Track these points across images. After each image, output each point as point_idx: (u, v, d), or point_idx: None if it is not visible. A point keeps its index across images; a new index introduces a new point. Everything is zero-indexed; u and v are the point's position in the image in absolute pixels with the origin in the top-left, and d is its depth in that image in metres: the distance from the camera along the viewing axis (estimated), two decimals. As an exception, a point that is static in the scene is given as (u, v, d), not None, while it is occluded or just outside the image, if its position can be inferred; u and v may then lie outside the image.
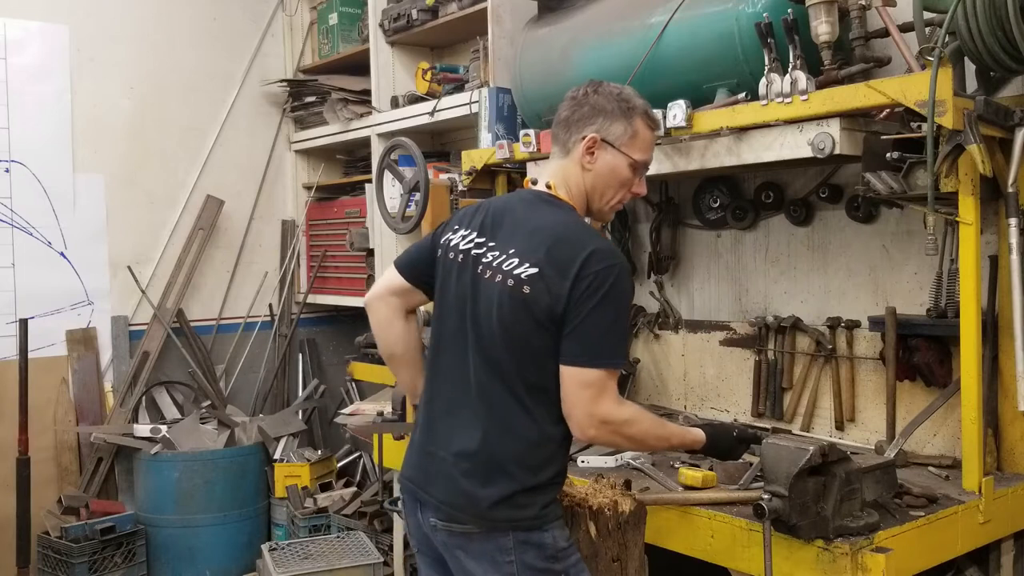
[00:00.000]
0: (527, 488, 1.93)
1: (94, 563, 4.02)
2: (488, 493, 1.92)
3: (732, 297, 3.29)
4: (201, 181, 4.89)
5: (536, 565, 1.92)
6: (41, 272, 4.40)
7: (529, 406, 1.94)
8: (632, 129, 2.04)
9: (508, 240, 2.01)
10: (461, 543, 1.97)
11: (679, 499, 2.38)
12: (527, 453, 1.94)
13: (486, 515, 1.92)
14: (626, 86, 2.12)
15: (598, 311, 1.87)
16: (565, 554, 1.95)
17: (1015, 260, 2.28)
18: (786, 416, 3.07)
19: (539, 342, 1.92)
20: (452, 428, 2.01)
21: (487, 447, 1.95)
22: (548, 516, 1.95)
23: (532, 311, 1.91)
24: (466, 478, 1.95)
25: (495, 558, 1.92)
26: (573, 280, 1.88)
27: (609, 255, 1.92)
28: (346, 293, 4.89)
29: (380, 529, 4.07)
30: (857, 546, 2.00)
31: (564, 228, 1.97)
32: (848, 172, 2.90)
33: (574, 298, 1.88)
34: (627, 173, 2.06)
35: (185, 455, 4.32)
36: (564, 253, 1.91)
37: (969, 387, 2.26)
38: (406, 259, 2.24)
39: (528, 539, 1.92)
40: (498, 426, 1.95)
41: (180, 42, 4.83)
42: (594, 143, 2.03)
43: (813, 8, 2.41)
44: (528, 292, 1.92)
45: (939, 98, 2.11)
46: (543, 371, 1.93)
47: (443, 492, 1.99)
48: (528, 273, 1.93)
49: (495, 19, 3.60)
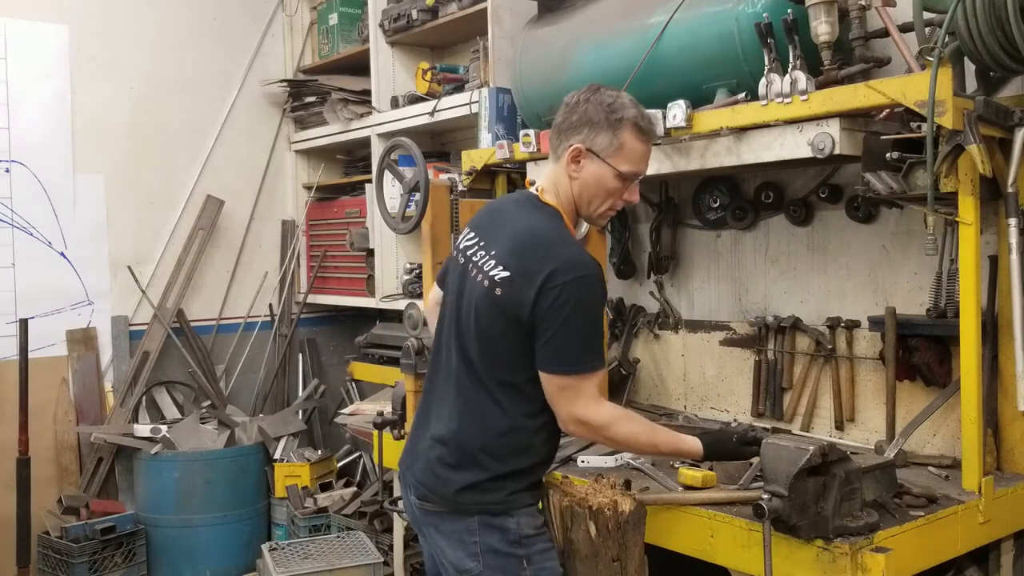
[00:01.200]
0: (495, 476, 2.03)
1: (94, 563, 4.02)
2: (457, 478, 2.04)
3: (732, 297, 3.29)
4: (201, 181, 4.89)
5: (499, 548, 2.02)
6: (41, 272, 4.40)
7: (500, 400, 2.04)
8: (618, 141, 2.06)
9: (494, 241, 2.09)
10: (434, 521, 2.10)
11: (679, 499, 2.38)
12: (495, 443, 2.04)
13: (454, 498, 2.05)
14: (623, 93, 2.13)
15: (569, 323, 1.95)
16: (530, 541, 2.04)
17: (1015, 260, 2.28)
18: (786, 416, 3.07)
19: (510, 341, 2.01)
20: (436, 416, 2.14)
21: (459, 436, 2.06)
22: (515, 503, 2.04)
23: (504, 312, 2.00)
24: (439, 462, 2.07)
25: (462, 538, 2.04)
26: (538, 290, 1.95)
27: (575, 266, 1.97)
28: (346, 293, 4.89)
29: (380, 529, 4.07)
30: (857, 546, 2.00)
31: (537, 234, 2.03)
32: (848, 172, 2.90)
33: (542, 308, 1.95)
34: (614, 183, 2.09)
35: (185, 455, 4.32)
36: (532, 261, 1.98)
37: (969, 387, 2.25)
38: (441, 268, 2.38)
39: (492, 523, 2.03)
40: (471, 417, 2.06)
41: (180, 42, 4.83)
42: (579, 153, 2.07)
43: (813, 8, 2.41)
44: (499, 294, 2.01)
45: (939, 98, 2.11)
46: (514, 368, 2.02)
47: (420, 473, 2.12)
48: (501, 276, 2.02)
49: (495, 19, 3.60)
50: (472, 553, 2.02)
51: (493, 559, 2.02)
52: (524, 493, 2.06)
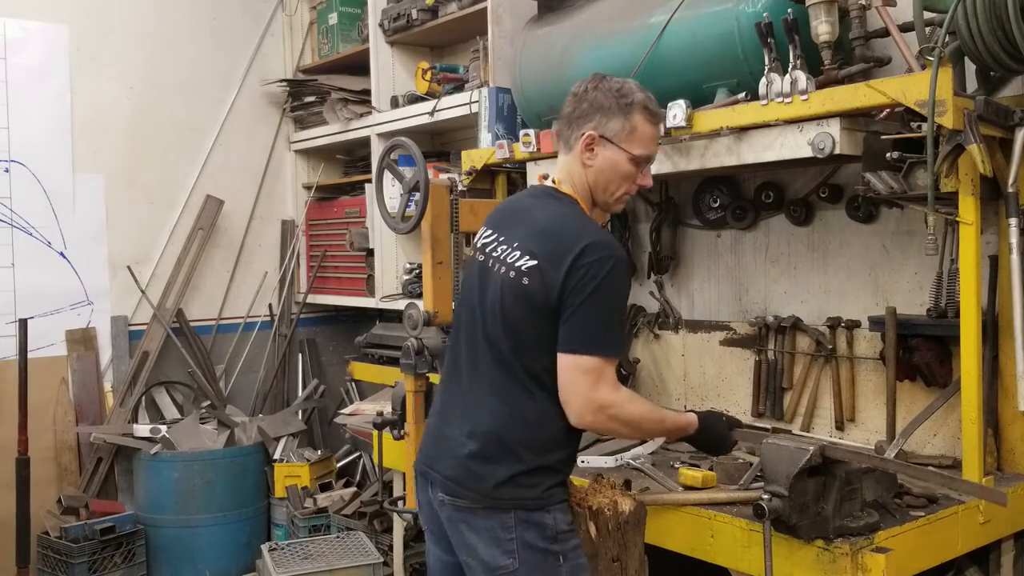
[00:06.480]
0: (532, 469, 1.99)
1: (94, 563, 4.02)
2: (494, 472, 1.99)
3: (732, 297, 3.29)
4: (201, 181, 4.89)
5: (536, 544, 1.97)
6: (41, 272, 4.40)
7: (533, 391, 2.01)
8: (630, 125, 2.06)
9: (514, 234, 2.08)
10: (466, 517, 2.03)
11: (679, 499, 2.38)
12: (533, 435, 2.00)
13: (491, 493, 1.99)
14: (629, 79, 2.13)
15: (593, 300, 1.93)
16: (565, 536, 2.00)
17: (1015, 260, 2.28)
18: (786, 416, 3.07)
19: (538, 331, 1.98)
20: (464, 411, 2.09)
21: (495, 429, 2.01)
22: (552, 498, 2.01)
23: (531, 301, 1.98)
24: (473, 458, 2.02)
25: (497, 534, 1.98)
26: (567, 271, 1.94)
27: (605, 247, 1.97)
28: (346, 293, 4.88)
29: (380, 529, 4.07)
30: (857, 546, 2.00)
31: (562, 221, 2.03)
32: (848, 172, 2.89)
33: (568, 288, 1.94)
34: (628, 167, 2.09)
35: (185, 455, 4.32)
36: (560, 245, 1.97)
37: (969, 387, 2.25)
38: None
39: (530, 518, 1.98)
40: (505, 410, 2.02)
41: (180, 42, 4.83)
42: (592, 140, 2.07)
43: (813, 8, 2.42)
44: (527, 283, 1.99)
45: (939, 98, 2.11)
46: (544, 358, 1.99)
47: (449, 469, 2.05)
48: (527, 265, 2.00)
49: (495, 19, 3.60)
50: (508, 550, 1.97)
51: (530, 555, 1.97)
52: (559, 488, 2.03)
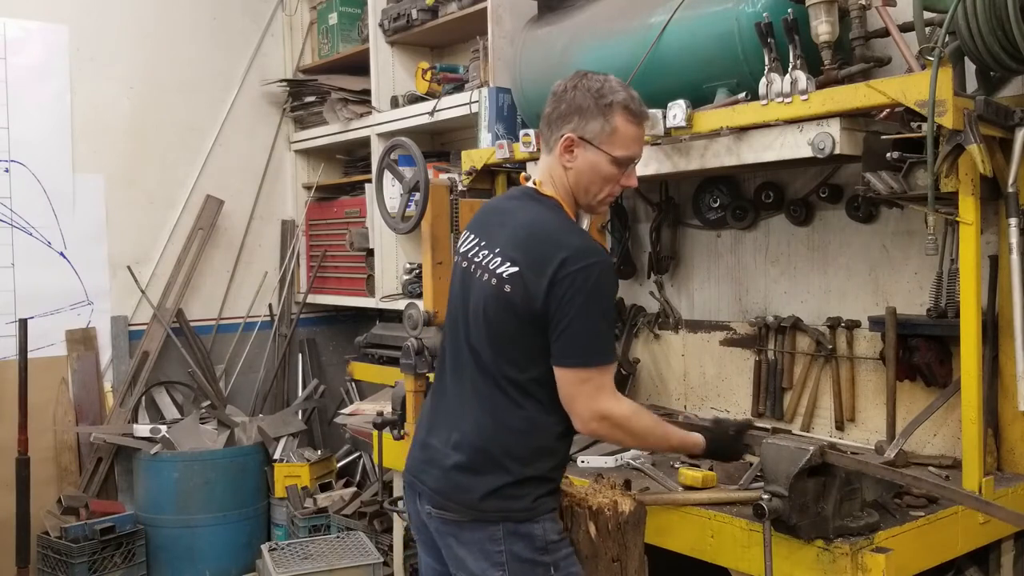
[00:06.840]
0: (519, 480, 1.96)
1: (94, 563, 4.02)
2: (479, 484, 1.97)
3: (732, 297, 3.29)
4: (201, 181, 4.89)
5: (525, 556, 1.95)
6: (41, 272, 4.40)
7: (519, 400, 1.98)
8: (610, 126, 2.02)
9: (496, 239, 2.04)
10: (453, 531, 2.01)
11: (679, 499, 2.38)
12: (519, 445, 1.97)
13: (477, 506, 1.97)
14: (611, 77, 2.08)
15: (584, 312, 1.89)
16: (555, 547, 1.98)
17: (1015, 260, 2.28)
18: (786, 416, 3.07)
19: (523, 339, 1.95)
20: (448, 422, 2.07)
21: (479, 440, 1.99)
22: (539, 508, 1.98)
23: (514, 309, 1.95)
24: (458, 470, 1.99)
25: (485, 547, 1.96)
26: (550, 282, 1.90)
27: (587, 253, 1.93)
28: (346, 293, 4.88)
29: (380, 529, 4.07)
30: (857, 546, 2.00)
31: (543, 226, 1.99)
32: (848, 172, 2.89)
33: (555, 299, 1.90)
34: (610, 169, 2.05)
35: (185, 455, 4.32)
36: (541, 252, 1.94)
37: (969, 387, 2.25)
38: None
39: (518, 530, 1.95)
40: (490, 420, 1.99)
41: (180, 42, 4.83)
42: (571, 142, 2.03)
43: (813, 8, 2.41)
44: (509, 291, 1.95)
45: (939, 98, 2.10)
46: (530, 367, 1.96)
47: (436, 481, 2.03)
48: (509, 272, 1.96)
49: (495, 19, 3.59)
50: (497, 563, 1.94)
51: (520, 567, 1.94)
52: (548, 498, 2.00)
